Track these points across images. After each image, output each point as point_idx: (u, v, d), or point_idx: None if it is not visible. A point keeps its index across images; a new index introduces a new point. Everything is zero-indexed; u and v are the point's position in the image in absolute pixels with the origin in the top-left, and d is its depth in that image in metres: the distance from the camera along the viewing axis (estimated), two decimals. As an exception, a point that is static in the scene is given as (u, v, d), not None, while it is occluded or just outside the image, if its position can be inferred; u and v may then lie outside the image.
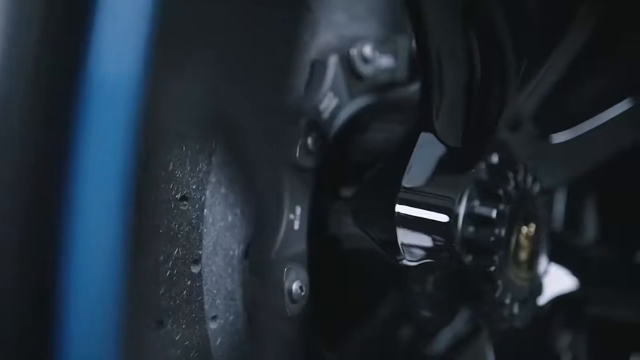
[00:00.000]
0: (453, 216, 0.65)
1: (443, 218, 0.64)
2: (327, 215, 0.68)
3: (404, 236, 0.62)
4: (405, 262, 0.61)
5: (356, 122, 0.71)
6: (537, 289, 0.75)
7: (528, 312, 0.73)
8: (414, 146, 0.60)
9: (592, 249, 0.96)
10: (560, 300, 0.85)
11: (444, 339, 0.59)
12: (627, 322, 1.00)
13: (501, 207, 0.68)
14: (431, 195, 0.64)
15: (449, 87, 0.56)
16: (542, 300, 0.80)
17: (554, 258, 0.82)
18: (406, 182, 0.62)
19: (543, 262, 0.76)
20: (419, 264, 0.62)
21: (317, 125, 0.66)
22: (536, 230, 0.73)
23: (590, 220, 1.00)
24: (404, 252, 0.62)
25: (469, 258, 0.67)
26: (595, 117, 0.81)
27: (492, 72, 0.57)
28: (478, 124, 0.61)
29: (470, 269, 0.67)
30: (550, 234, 0.81)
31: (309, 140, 0.65)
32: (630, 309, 0.94)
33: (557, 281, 0.83)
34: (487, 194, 0.68)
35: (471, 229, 0.67)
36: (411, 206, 0.63)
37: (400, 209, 0.63)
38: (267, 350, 0.65)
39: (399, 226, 0.62)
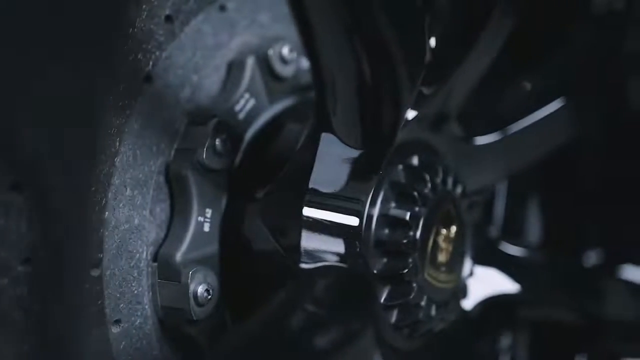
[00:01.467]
0: (363, 218, 0.63)
1: (352, 221, 0.63)
2: (243, 217, 0.66)
3: (312, 240, 0.60)
4: (304, 265, 0.59)
5: (277, 124, 0.70)
6: (461, 291, 0.74)
7: (450, 314, 0.72)
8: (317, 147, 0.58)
9: (534, 251, 0.95)
10: (496, 303, 0.84)
11: (330, 334, 0.57)
12: (567, 324, 0.99)
13: (416, 209, 0.66)
14: (340, 198, 0.62)
15: (340, 88, 0.54)
16: (471, 302, 0.79)
17: (490, 260, 0.81)
18: (313, 184, 0.60)
19: (467, 265, 0.75)
20: (321, 267, 0.60)
21: (227, 126, 0.64)
22: (457, 232, 0.72)
23: (533, 222, 0.99)
24: (311, 255, 0.60)
25: (383, 260, 0.65)
26: (524, 118, 0.80)
27: (382, 75, 0.56)
28: (375, 125, 0.59)
29: (384, 271, 0.65)
30: (479, 235, 0.79)
31: (217, 142, 0.63)
32: (571, 310, 0.93)
33: (492, 283, 0.81)
34: (402, 195, 0.66)
35: (386, 231, 0.65)
36: (319, 209, 0.61)
37: (307, 212, 0.61)
38: (175, 354, 0.63)
39: (307, 229, 0.61)
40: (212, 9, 0.67)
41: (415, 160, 0.69)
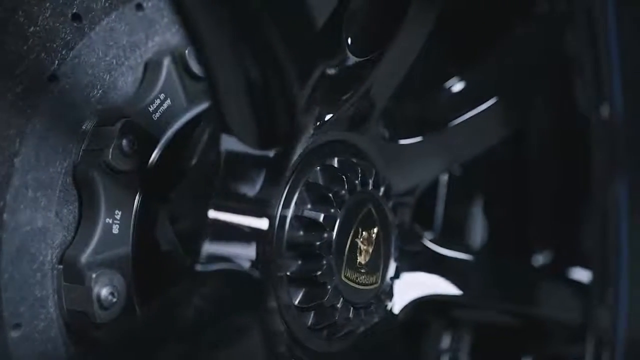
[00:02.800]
0: (274, 220, 0.61)
1: (261, 223, 0.61)
2: (156, 219, 0.64)
3: (216, 242, 0.58)
4: (202, 267, 0.57)
5: (194, 124, 0.67)
6: (384, 293, 0.72)
7: (372, 316, 0.70)
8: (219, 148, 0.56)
9: (475, 253, 0.93)
10: (429, 304, 0.82)
11: (215, 333, 0.55)
12: (512, 326, 0.97)
13: (331, 210, 0.64)
14: (248, 200, 0.60)
15: (230, 90, 0.52)
16: (400, 304, 0.77)
17: (421, 262, 0.79)
18: (219, 186, 0.58)
19: (392, 267, 0.73)
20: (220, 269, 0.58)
21: (136, 126, 0.62)
22: (380, 234, 0.70)
23: (476, 223, 0.97)
24: (214, 257, 0.58)
25: (297, 262, 0.63)
26: (456, 118, 0.78)
27: (270, 77, 0.54)
28: (270, 125, 0.57)
29: (298, 273, 0.63)
30: (409, 237, 0.78)
31: (124, 142, 0.61)
32: (513, 313, 0.92)
33: (424, 285, 0.79)
34: (318, 197, 0.64)
35: (300, 232, 0.64)
36: (225, 211, 0.59)
37: (213, 214, 0.59)
38: (82, 357, 0.61)
39: (212, 232, 0.59)
40: (127, 7, 0.65)
41: (334, 162, 0.67)
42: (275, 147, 0.58)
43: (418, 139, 0.76)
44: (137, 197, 0.64)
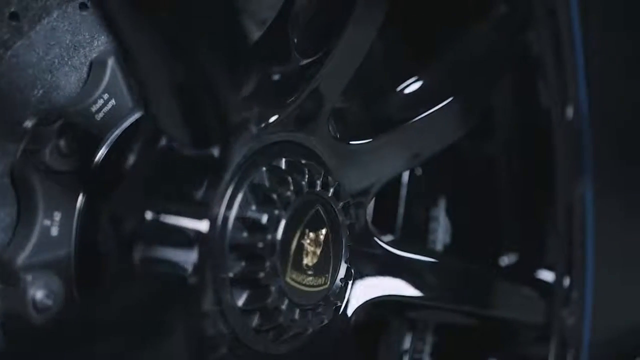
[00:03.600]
0: (216, 222, 0.60)
1: (202, 225, 0.59)
2: (98, 221, 0.63)
3: (152, 245, 0.57)
4: (138, 270, 0.56)
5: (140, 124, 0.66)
6: (335, 294, 0.70)
7: (319, 317, 0.69)
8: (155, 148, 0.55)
9: (438, 254, 0.92)
10: (386, 305, 0.81)
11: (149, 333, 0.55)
12: (476, 327, 0.96)
13: (275, 212, 0.63)
14: (189, 202, 0.59)
15: (158, 91, 0.51)
16: (354, 305, 0.76)
17: (378, 263, 0.78)
18: (157, 187, 0.57)
19: (342, 268, 0.71)
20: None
21: (76, 127, 0.61)
22: (329, 235, 0.68)
23: (439, 224, 0.96)
24: (151, 260, 0.57)
25: (240, 264, 0.62)
26: (410, 118, 0.77)
27: (197, 77, 0.52)
28: (201, 126, 0.56)
29: (241, 275, 0.62)
30: (364, 238, 0.76)
31: (62, 143, 0.60)
32: (474, 314, 0.90)
33: (380, 286, 0.78)
34: (263, 198, 0.63)
35: (243, 234, 0.62)
36: (162, 213, 0.58)
37: (150, 215, 0.58)
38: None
39: (150, 234, 0.57)
40: (71, 6, 0.64)
41: (281, 162, 0.66)
42: (210, 148, 0.57)
43: (371, 139, 0.74)
44: (79, 198, 0.62)
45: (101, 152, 0.64)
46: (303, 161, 0.68)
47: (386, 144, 0.75)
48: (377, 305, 0.79)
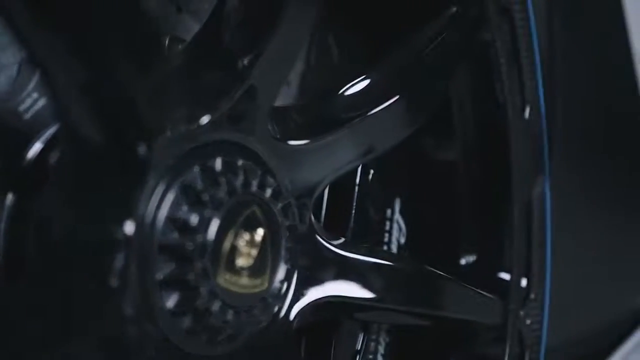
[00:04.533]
0: (143, 223, 0.59)
1: (129, 226, 0.58)
2: (28, 222, 0.61)
3: (79, 247, 0.56)
4: (59, 272, 0.54)
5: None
6: (273, 295, 0.69)
7: (255, 319, 0.67)
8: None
9: (387, 255, 0.91)
10: (339, 307, 0.80)
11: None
12: (429, 327, 0.95)
13: (206, 213, 0.62)
14: (113, 202, 0.57)
15: (64, 89, 0.50)
16: (297, 306, 0.74)
17: (321, 263, 0.76)
18: (77, 187, 0.56)
19: (282, 269, 0.70)
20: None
21: (3, 126, 0.59)
22: (266, 236, 0.67)
23: (388, 225, 0.95)
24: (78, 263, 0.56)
25: (169, 266, 0.61)
26: (354, 117, 0.76)
27: (109, 75, 0.51)
28: (116, 126, 0.54)
29: (170, 277, 0.61)
30: (307, 238, 0.75)
31: (-17, 143, 0.58)
32: (425, 315, 0.89)
33: (323, 288, 0.77)
34: (194, 199, 0.62)
35: (173, 236, 0.61)
36: (89, 213, 0.56)
37: (74, 215, 0.56)
38: None
39: (72, 234, 0.56)
40: (1, 5, 0.63)
41: (216, 163, 0.64)
42: (134, 148, 0.55)
43: (315, 139, 0.73)
44: (8, 200, 0.61)
45: (30, 152, 0.63)
46: (240, 161, 0.66)
47: (330, 143, 0.74)
48: (324, 307, 0.77)
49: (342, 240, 0.80)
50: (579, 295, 1.33)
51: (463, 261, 1.01)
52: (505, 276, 0.97)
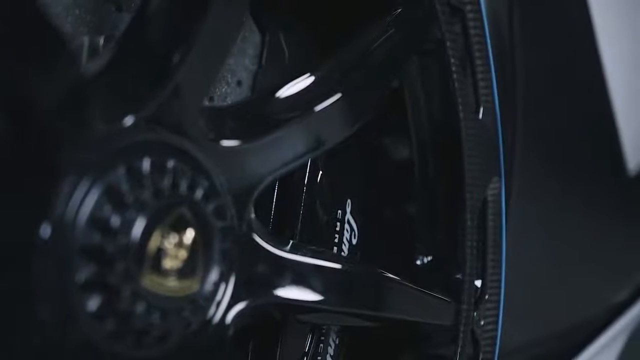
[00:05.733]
0: (62, 225, 0.57)
1: (44, 229, 0.56)
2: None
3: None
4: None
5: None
6: (204, 297, 0.68)
7: (184, 321, 0.66)
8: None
9: (334, 258, 0.89)
10: (282, 309, 0.78)
11: None
12: (374, 329, 0.93)
13: (129, 214, 0.60)
14: (31, 203, 0.56)
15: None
16: (235, 309, 0.72)
17: (259, 265, 0.74)
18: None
19: (214, 271, 0.68)
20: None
21: None
22: (197, 237, 0.66)
23: (343, 227, 0.93)
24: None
25: (90, 268, 0.59)
26: (293, 117, 0.74)
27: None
28: (37, 125, 0.53)
29: (91, 280, 0.59)
30: (242, 240, 0.73)
31: None
32: (375, 318, 0.88)
33: (262, 290, 0.75)
34: (117, 200, 0.60)
35: (95, 238, 0.59)
36: (6, 214, 0.55)
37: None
38: None
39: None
40: None
41: (142, 163, 0.63)
42: (51, 148, 0.54)
43: (252, 138, 0.71)
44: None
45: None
46: (171, 162, 0.65)
47: (268, 143, 0.72)
48: (265, 309, 0.76)
49: (285, 241, 0.79)
50: (544, 296, 1.31)
51: (419, 262, 0.99)
52: (460, 278, 0.96)
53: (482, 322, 0.97)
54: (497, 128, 0.97)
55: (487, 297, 0.98)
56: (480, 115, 0.94)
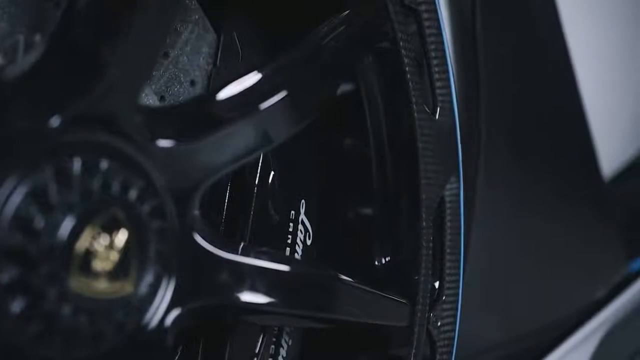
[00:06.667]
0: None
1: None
2: None
3: None
4: None
5: None
6: (139, 299, 0.66)
7: (116, 324, 0.64)
8: None
9: (284, 259, 0.88)
10: (230, 311, 0.77)
11: None
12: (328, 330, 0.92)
13: (56, 215, 0.59)
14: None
15: None
16: (175, 312, 0.71)
17: (201, 267, 0.73)
18: None
19: (150, 273, 0.67)
20: None
21: None
22: (131, 239, 0.64)
23: (297, 228, 0.92)
24: None
25: (14, 270, 0.58)
26: (237, 116, 0.73)
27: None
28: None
29: (15, 282, 0.58)
30: (182, 241, 0.71)
31: None
32: (321, 319, 0.86)
33: (206, 291, 0.73)
34: (43, 200, 0.59)
35: (19, 238, 0.58)
36: None
37: None
38: None
39: None
40: None
41: (72, 163, 0.61)
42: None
43: (192, 137, 0.70)
44: None
45: None
46: (104, 162, 0.63)
47: (209, 142, 0.71)
48: (207, 311, 0.74)
49: (231, 242, 0.77)
50: (516, 295, 1.30)
51: (377, 262, 0.98)
52: (417, 279, 0.94)
53: (438, 323, 0.95)
54: (455, 128, 0.95)
55: (444, 297, 0.96)
56: (437, 116, 0.92)
